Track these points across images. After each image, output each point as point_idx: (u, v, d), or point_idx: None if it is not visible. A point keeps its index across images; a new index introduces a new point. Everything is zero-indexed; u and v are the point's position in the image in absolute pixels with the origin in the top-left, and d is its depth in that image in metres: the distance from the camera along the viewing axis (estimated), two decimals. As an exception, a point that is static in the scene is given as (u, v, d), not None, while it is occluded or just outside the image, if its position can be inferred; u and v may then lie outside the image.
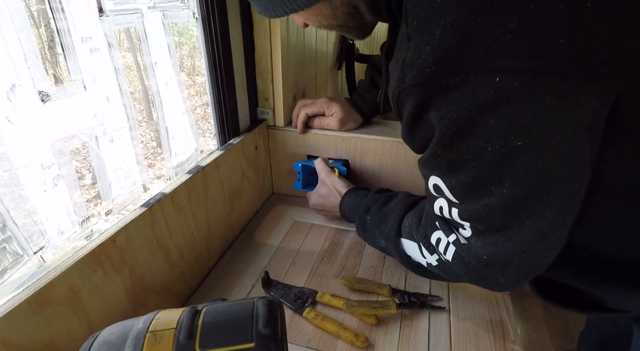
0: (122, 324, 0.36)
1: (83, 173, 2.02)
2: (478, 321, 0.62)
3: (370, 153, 0.87)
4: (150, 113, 2.68)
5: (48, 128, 0.50)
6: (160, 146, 1.62)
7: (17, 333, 0.39)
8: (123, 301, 0.53)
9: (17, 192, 0.48)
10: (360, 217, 0.70)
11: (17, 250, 0.48)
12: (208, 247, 0.72)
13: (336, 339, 0.59)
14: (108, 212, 0.62)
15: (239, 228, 0.85)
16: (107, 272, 0.49)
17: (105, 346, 0.33)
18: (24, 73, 0.46)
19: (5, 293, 0.41)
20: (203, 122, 2.51)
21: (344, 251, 0.79)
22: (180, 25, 2.06)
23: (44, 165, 0.50)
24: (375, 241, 0.68)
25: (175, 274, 0.63)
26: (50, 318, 0.42)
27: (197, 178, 0.66)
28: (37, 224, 0.50)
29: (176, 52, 0.73)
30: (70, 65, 0.51)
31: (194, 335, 0.33)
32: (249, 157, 0.86)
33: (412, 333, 0.60)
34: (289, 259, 0.76)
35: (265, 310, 0.35)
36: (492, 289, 0.51)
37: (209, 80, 0.76)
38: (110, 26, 0.56)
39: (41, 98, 0.48)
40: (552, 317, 1.66)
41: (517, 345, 0.58)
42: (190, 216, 0.65)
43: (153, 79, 0.67)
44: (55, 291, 0.43)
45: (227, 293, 0.68)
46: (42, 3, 1.73)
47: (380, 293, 0.66)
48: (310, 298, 0.65)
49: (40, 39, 1.90)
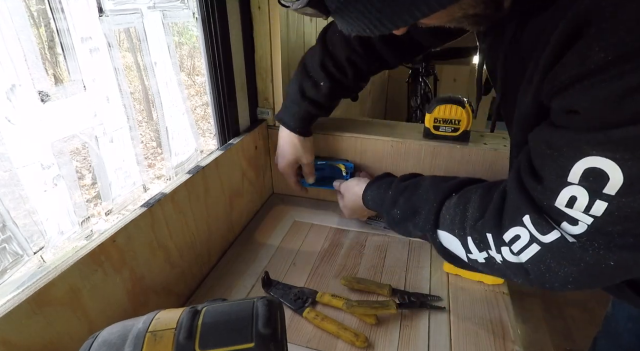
0: (122, 324, 0.36)
1: (83, 173, 2.02)
2: (478, 321, 0.62)
3: (370, 153, 0.87)
4: (150, 113, 2.68)
5: (48, 128, 0.50)
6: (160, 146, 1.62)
7: (17, 333, 0.39)
8: (123, 301, 0.53)
9: (17, 192, 0.48)
10: (388, 212, 0.64)
11: (17, 250, 0.48)
12: (208, 247, 0.72)
13: (336, 339, 0.59)
14: (108, 212, 0.62)
15: (239, 228, 0.85)
16: (107, 272, 0.49)
17: (105, 346, 0.33)
18: (24, 73, 0.46)
19: (5, 293, 0.41)
20: (203, 122, 2.51)
21: (344, 251, 0.79)
22: (180, 25, 2.06)
23: (44, 165, 0.50)
24: (410, 233, 0.63)
25: (175, 274, 0.63)
26: (50, 318, 0.42)
27: (197, 178, 0.66)
28: (37, 224, 0.50)
29: (176, 52, 0.73)
30: (70, 65, 0.51)
31: (193, 335, 0.33)
32: (249, 157, 0.86)
33: (412, 333, 0.60)
34: (289, 259, 0.76)
35: (265, 310, 0.35)
36: (542, 288, 0.46)
37: (209, 80, 0.76)
38: (110, 26, 0.56)
39: (41, 98, 0.48)
40: (552, 317, 1.66)
41: (517, 345, 0.58)
42: (190, 216, 0.65)
43: (153, 79, 0.67)
44: (55, 291, 0.43)
45: (227, 293, 0.68)
46: (42, 3, 1.73)
47: (380, 293, 0.66)
48: (310, 298, 0.65)
49: (40, 39, 1.90)
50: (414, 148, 0.83)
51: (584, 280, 0.43)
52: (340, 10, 0.36)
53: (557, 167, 0.39)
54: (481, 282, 0.69)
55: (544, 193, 0.42)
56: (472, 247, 0.51)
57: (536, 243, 0.43)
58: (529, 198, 0.44)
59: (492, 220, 0.48)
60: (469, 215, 0.52)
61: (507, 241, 0.46)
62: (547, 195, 0.41)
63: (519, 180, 0.45)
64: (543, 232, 0.42)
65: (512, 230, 0.45)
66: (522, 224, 0.44)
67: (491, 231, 0.48)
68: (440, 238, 0.57)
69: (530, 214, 0.43)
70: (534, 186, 0.43)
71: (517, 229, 0.45)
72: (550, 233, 0.42)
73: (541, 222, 0.42)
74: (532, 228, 0.43)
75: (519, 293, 1.74)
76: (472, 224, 0.51)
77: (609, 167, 0.35)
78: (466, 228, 0.51)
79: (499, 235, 0.47)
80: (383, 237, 0.83)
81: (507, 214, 0.47)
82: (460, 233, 0.52)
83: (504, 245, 0.47)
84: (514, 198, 0.46)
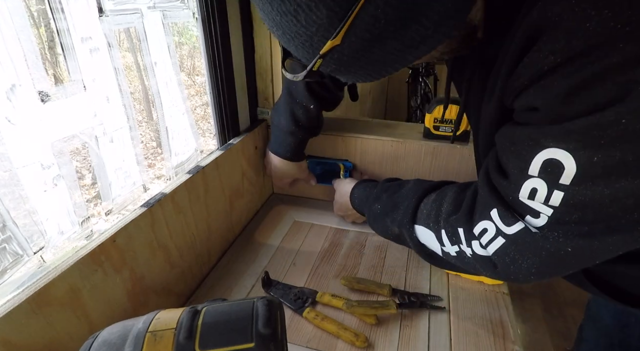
0: (122, 324, 0.36)
1: (83, 173, 2.02)
2: (478, 321, 0.62)
3: (370, 153, 0.87)
4: (150, 113, 2.68)
5: (48, 128, 0.50)
6: (160, 146, 1.62)
7: (17, 333, 0.39)
8: (123, 301, 0.53)
9: (17, 192, 0.48)
10: (370, 206, 0.68)
11: (17, 250, 0.48)
12: (208, 247, 0.72)
13: (336, 339, 0.59)
14: (108, 212, 0.62)
15: (239, 228, 0.85)
16: (107, 272, 0.49)
17: (105, 346, 0.33)
18: (24, 73, 0.46)
19: (5, 293, 0.41)
20: (203, 122, 2.52)
21: (344, 251, 0.79)
22: (180, 25, 2.06)
23: (44, 165, 0.50)
24: (387, 230, 0.66)
25: (175, 274, 0.63)
26: (50, 318, 0.42)
27: (197, 178, 0.66)
28: (37, 224, 0.50)
29: (176, 52, 0.74)
30: (70, 65, 0.51)
31: (193, 335, 0.33)
32: (249, 157, 0.86)
33: (412, 333, 0.60)
34: (289, 259, 0.76)
35: (265, 310, 0.35)
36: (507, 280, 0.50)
37: (209, 80, 0.76)
38: (110, 26, 0.56)
39: (41, 98, 0.48)
40: (552, 317, 1.66)
41: (517, 345, 0.58)
42: (190, 216, 0.65)
43: (153, 78, 0.67)
44: (55, 291, 0.43)
45: (227, 293, 0.68)
46: (42, 3, 1.73)
47: (380, 293, 0.66)
48: (310, 298, 0.65)
49: (40, 39, 1.90)
50: (414, 148, 0.83)
51: (545, 270, 0.45)
52: (336, 71, 0.39)
53: (520, 161, 0.42)
54: (481, 282, 0.69)
55: (509, 187, 0.45)
56: (445, 240, 0.54)
57: (501, 236, 0.46)
58: (496, 193, 0.47)
59: (464, 216, 0.51)
60: (443, 210, 0.55)
61: (476, 234, 0.49)
62: (511, 188, 0.44)
63: (487, 177, 0.49)
64: (508, 223, 0.45)
65: (481, 223, 0.49)
66: (490, 218, 0.47)
67: (462, 226, 0.51)
68: (417, 233, 0.60)
69: (497, 208, 0.46)
70: (500, 181, 0.46)
71: (485, 223, 0.48)
72: (514, 224, 0.45)
73: (507, 214, 0.45)
74: (498, 221, 0.46)
75: (519, 293, 1.74)
76: (445, 217, 0.54)
77: (563, 158, 0.38)
78: (440, 222, 0.55)
79: (470, 230, 0.50)
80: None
81: (478, 209, 0.50)
82: (435, 226, 0.56)
83: (474, 239, 0.50)
84: (483, 194, 0.49)
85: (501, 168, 0.46)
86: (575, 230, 0.41)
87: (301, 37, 0.35)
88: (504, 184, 0.45)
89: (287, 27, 0.35)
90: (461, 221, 0.52)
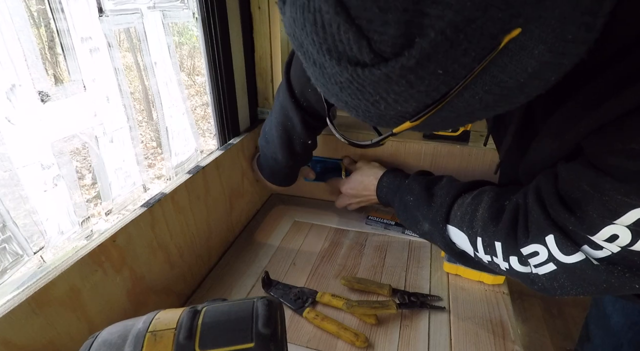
0: (122, 324, 0.36)
1: (83, 173, 2.02)
2: (478, 321, 0.62)
3: (371, 153, 0.87)
4: (150, 113, 2.68)
5: (48, 128, 0.50)
6: (160, 146, 1.62)
7: (17, 333, 0.39)
8: (123, 301, 0.53)
9: (17, 192, 0.48)
10: (402, 197, 0.67)
11: (17, 250, 0.48)
12: (208, 247, 0.72)
13: (336, 339, 0.59)
14: (108, 212, 0.62)
15: (239, 228, 0.85)
16: (107, 272, 0.49)
17: (105, 346, 0.33)
18: (24, 73, 0.46)
19: (5, 293, 0.41)
20: (203, 122, 2.51)
21: (344, 251, 0.79)
22: (180, 25, 2.06)
23: (44, 165, 0.50)
24: (417, 224, 0.64)
25: (175, 274, 0.63)
26: (50, 318, 0.42)
27: (197, 178, 0.66)
28: (37, 224, 0.50)
29: (176, 52, 0.73)
30: (70, 65, 0.51)
31: (193, 335, 0.33)
32: (249, 157, 0.86)
33: (412, 333, 0.60)
34: (289, 259, 0.76)
35: (265, 310, 0.35)
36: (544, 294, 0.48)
37: (209, 80, 0.76)
38: (110, 26, 0.56)
39: (41, 98, 0.48)
40: (552, 317, 1.66)
41: (517, 345, 0.58)
42: (190, 216, 0.65)
43: (153, 78, 0.67)
44: (55, 291, 0.43)
45: (227, 293, 0.68)
46: (42, 3, 1.73)
47: (380, 293, 0.66)
48: (310, 298, 0.65)
49: (40, 39, 1.90)
50: (414, 148, 0.83)
51: (596, 295, 0.44)
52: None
53: (605, 210, 0.39)
54: (481, 282, 0.69)
55: (579, 226, 0.42)
56: (479, 247, 0.53)
57: (553, 262, 0.44)
58: (553, 220, 0.45)
59: (505, 231, 0.49)
60: (478, 216, 0.53)
61: (524, 254, 0.47)
62: (583, 228, 0.42)
63: (542, 202, 0.46)
64: (567, 253, 0.43)
65: (532, 246, 0.46)
66: (544, 243, 0.45)
67: (501, 241, 0.49)
68: (449, 233, 0.58)
69: (554, 234, 0.44)
70: (564, 215, 0.43)
71: (537, 246, 0.46)
72: (574, 255, 0.42)
73: (566, 243, 0.43)
74: (553, 248, 0.44)
75: (519, 293, 1.74)
76: (482, 226, 0.52)
77: None
78: (476, 228, 0.53)
79: (514, 247, 0.48)
80: (383, 236, 0.83)
81: (530, 230, 0.47)
82: (469, 231, 0.54)
83: (514, 255, 0.48)
84: (537, 218, 0.46)
85: (565, 201, 0.44)
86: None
87: (373, 117, 0.33)
88: (571, 220, 0.42)
89: (357, 107, 0.32)
90: (501, 236, 0.49)
